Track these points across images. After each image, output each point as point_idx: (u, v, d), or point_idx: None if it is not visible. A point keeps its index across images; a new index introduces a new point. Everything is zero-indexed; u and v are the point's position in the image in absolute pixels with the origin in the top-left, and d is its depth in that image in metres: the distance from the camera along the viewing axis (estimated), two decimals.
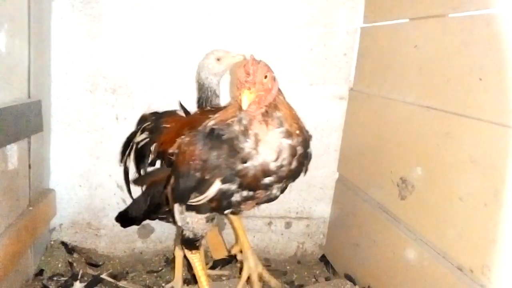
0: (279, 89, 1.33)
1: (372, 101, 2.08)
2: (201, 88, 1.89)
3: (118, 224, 1.98)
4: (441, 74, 1.55)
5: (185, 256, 2.01)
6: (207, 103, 1.88)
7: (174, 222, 1.59)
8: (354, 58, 2.30)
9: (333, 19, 2.26)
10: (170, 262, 2.23)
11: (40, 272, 2.03)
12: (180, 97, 2.18)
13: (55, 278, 2.01)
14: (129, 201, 2.05)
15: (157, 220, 2.07)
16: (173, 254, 2.06)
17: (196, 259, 1.67)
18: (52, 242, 2.25)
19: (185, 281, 2.07)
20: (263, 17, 2.22)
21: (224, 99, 2.01)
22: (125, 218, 2.00)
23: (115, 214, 2.01)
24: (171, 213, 1.56)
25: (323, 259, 2.47)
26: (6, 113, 1.58)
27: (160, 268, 2.25)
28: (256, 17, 2.21)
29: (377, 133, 1.99)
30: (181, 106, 1.86)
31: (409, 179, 1.69)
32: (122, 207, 2.09)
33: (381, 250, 1.86)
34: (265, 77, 1.25)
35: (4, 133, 1.57)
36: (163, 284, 2.09)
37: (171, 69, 2.19)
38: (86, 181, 2.26)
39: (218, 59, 1.82)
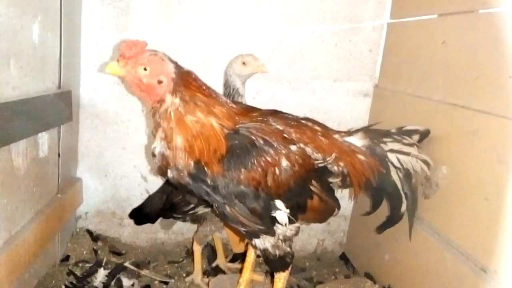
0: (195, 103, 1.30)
1: (397, 98, 2.06)
2: (226, 83, 1.91)
3: None
4: (469, 71, 1.52)
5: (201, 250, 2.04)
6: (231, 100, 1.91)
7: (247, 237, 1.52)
8: (380, 54, 2.27)
9: (359, 15, 2.24)
10: (190, 253, 2.26)
11: (66, 258, 2.10)
12: None
13: (80, 264, 2.08)
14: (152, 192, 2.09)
15: None
16: (191, 248, 2.10)
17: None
18: (78, 230, 2.32)
19: (205, 273, 2.10)
20: (288, 11, 2.21)
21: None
22: (139, 215, 2.04)
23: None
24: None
25: (343, 257, 2.46)
26: (38, 102, 1.64)
27: (181, 259, 2.29)
28: (281, 12, 2.21)
29: None
30: None
31: (433, 178, 1.66)
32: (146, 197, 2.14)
33: (402, 249, 1.84)
34: (145, 69, 1.26)
35: (36, 121, 1.64)
36: (183, 275, 2.13)
37: (197, 63, 2.21)
38: (112, 171, 2.32)
39: (244, 63, 1.85)
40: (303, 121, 1.55)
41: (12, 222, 1.52)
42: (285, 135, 1.42)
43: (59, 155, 1.95)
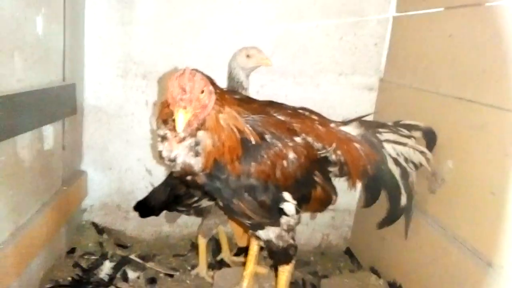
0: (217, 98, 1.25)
1: (403, 92, 2.04)
2: (230, 76, 1.90)
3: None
4: (476, 65, 1.50)
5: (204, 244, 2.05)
6: None
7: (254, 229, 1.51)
8: (385, 47, 2.25)
9: (364, 8, 2.22)
10: (195, 247, 2.27)
11: (71, 250, 2.11)
12: None
13: (86, 257, 2.09)
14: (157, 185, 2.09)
15: None
16: (196, 242, 2.10)
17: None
18: (83, 222, 2.33)
19: (209, 267, 2.11)
20: (293, 5, 2.19)
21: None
22: (143, 208, 2.04)
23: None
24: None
25: (348, 251, 2.46)
26: (43, 95, 1.64)
27: (185, 252, 2.29)
28: (285, 5, 2.19)
29: None
30: None
31: (439, 172, 1.66)
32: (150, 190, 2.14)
33: (408, 244, 1.83)
34: (202, 91, 1.17)
35: (40, 114, 1.64)
36: (188, 268, 2.13)
37: (200, 57, 2.21)
38: (116, 164, 2.32)
39: (248, 56, 1.85)
40: (300, 111, 1.56)
41: (18, 214, 1.53)
42: (288, 126, 1.43)
43: (63, 147, 1.95)
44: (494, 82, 1.41)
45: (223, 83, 2.02)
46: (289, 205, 1.42)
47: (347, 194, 2.41)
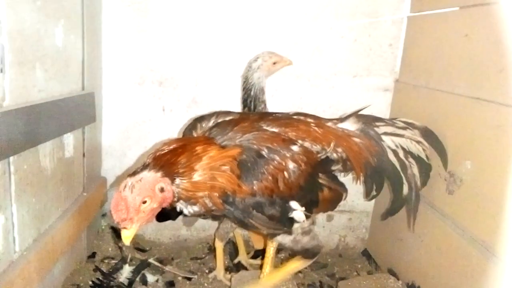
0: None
1: (419, 93, 2.02)
2: (250, 87, 1.93)
3: None
4: (493, 64, 1.48)
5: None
6: (255, 101, 1.92)
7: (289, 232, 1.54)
8: (400, 48, 2.24)
9: (378, 9, 2.21)
10: (212, 250, 2.29)
11: (92, 255, 2.16)
12: (224, 91, 2.23)
13: (106, 261, 2.13)
14: None
15: None
16: (213, 245, 2.12)
17: None
18: (103, 227, 2.38)
19: (227, 269, 2.12)
20: (306, 7, 2.20)
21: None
22: (161, 212, 2.06)
23: None
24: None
25: (365, 253, 2.45)
26: (63, 104, 1.69)
27: (203, 256, 2.32)
28: (299, 7, 2.20)
29: None
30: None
31: (457, 173, 1.64)
32: None
33: (426, 245, 1.82)
34: (144, 202, 1.20)
35: (61, 122, 1.68)
36: (206, 271, 2.15)
37: (216, 63, 2.24)
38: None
39: (274, 63, 1.93)
40: (294, 117, 1.59)
41: (40, 221, 1.57)
42: (283, 137, 1.45)
43: (84, 155, 2.00)
44: (511, 82, 1.39)
45: (237, 87, 2.06)
46: (298, 213, 1.44)
47: (364, 196, 2.42)
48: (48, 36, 1.59)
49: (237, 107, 2.12)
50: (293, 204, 1.43)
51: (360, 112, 1.74)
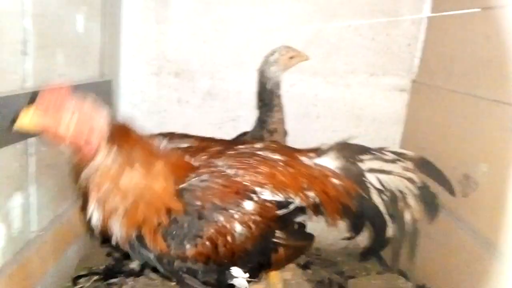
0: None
1: (436, 94, 2.01)
2: (266, 81, 1.92)
3: None
4: None
5: None
6: (270, 95, 1.92)
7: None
8: (419, 48, 2.22)
9: (397, 8, 2.20)
10: None
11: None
12: (239, 85, 2.23)
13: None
14: None
15: None
16: None
17: None
18: None
19: None
20: (325, 4, 2.20)
21: None
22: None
23: None
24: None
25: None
26: (82, 90, 1.70)
27: None
28: (317, 4, 2.20)
29: (440, 127, 1.92)
30: None
31: (472, 175, 1.62)
32: None
33: (438, 248, 1.80)
34: (73, 113, 1.03)
35: None
36: None
37: (231, 55, 2.24)
38: None
39: (291, 58, 1.90)
40: (260, 153, 1.34)
41: (56, 203, 1.60)
42: (237, 189, 1.22)
43: None
44: None
45: (253, 81, 2.06)
46: (240, 280, 1.24)
47: None
48: (70, 22, 1.61)
49: (252, 101, 2.12)
50: (235, 270, 1.23)
51: (349, 138, 1.48)
